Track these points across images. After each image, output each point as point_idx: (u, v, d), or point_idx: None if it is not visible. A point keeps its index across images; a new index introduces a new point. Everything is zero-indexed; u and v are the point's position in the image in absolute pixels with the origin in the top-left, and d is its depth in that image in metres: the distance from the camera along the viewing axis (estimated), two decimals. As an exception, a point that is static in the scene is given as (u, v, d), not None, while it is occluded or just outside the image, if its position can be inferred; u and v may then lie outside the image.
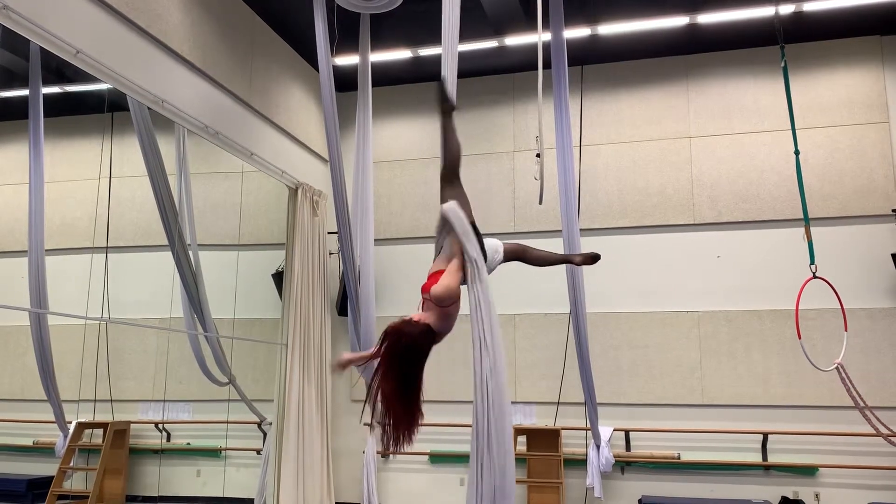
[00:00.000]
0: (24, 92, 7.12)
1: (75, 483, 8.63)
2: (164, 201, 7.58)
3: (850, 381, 6.31)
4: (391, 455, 9.11)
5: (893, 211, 8.02)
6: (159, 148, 7.57)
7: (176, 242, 7.64)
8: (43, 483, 8.36)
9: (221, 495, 8.65)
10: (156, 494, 8.58)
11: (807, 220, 6.39)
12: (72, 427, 8.33)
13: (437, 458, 8.85)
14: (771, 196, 8.49)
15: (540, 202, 6.93)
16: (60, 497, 8.37)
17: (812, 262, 6.38)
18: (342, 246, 7.94)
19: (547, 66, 6.10)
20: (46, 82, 7.17)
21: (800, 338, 6.37)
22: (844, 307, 6.54)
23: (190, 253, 8.07)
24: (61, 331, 7.47)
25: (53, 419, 7.79)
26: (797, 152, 6.59)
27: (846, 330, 6.53)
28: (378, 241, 8.11)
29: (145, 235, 8.59)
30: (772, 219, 8.43)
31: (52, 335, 7.06)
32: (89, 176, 8.59)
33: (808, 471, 7.90)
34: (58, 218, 8.60)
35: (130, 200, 8.80)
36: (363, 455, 9.08)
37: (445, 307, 3.45)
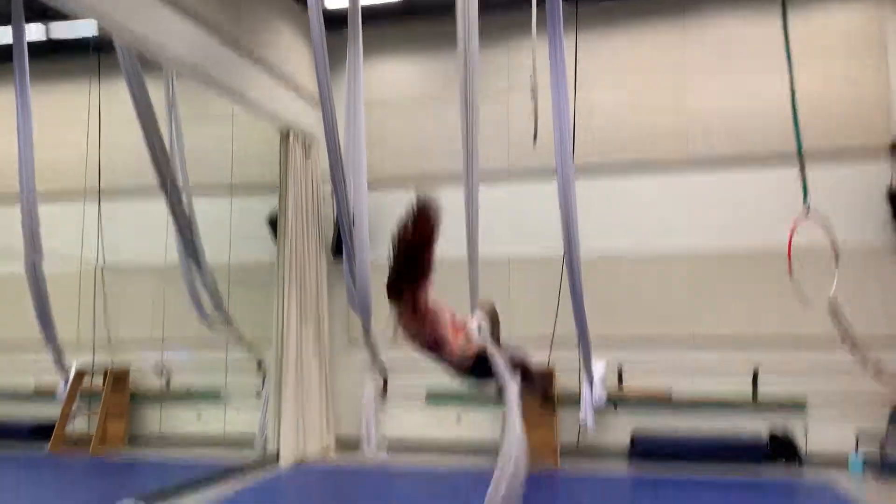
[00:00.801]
0: (7, 32, 6.95)
1: (78, 426, 8.78)
2: (156, 145, 7.51)
3: (841, 318, 6.38)
4: (385, 396, 9.27)
5: (891, 147, 7.99)
6: (148, 91, 7.46)
7: (169, 187, 7.59)
8: (46, 426, 8.51)
9: (223, 434, 8.80)
10: (157, 436, 8.73)
11: (801, 157, 6.36)
12: (72, 372, 8.43)
13: (435, 398, 9.01)
14: (766, 133, 8.44)
15: (534, 141, 6.90)
16: (64, 440, 8.53)
17: (805, 200, 6.39)
18: (335, 190, 7.89)
19: (541, 2, 5.98)
20: (30, 22, 7.00)
21: (791, 274, 6.42)
22: (837, 244, 6.57)
23: (183, 198, 8.03)
24: (58, 277, 7.47)
25: (53, 364, 7.87)
26: (793, 89, 6.52)
27: (837, 267, 6.57)
28: (371, 185, 8.07)
29: (138, 180, 8.52)
30: (766, 156, 8.40)
31: (48, 281, 7.07)
32: (78, 121, 8.47)
33: (798, 401, 8.07)
34: (48, 163, 8.51)
35: (121, 145, 8.70)
36: (362, 395, 9.22)
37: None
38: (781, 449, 7.84)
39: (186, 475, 6.98)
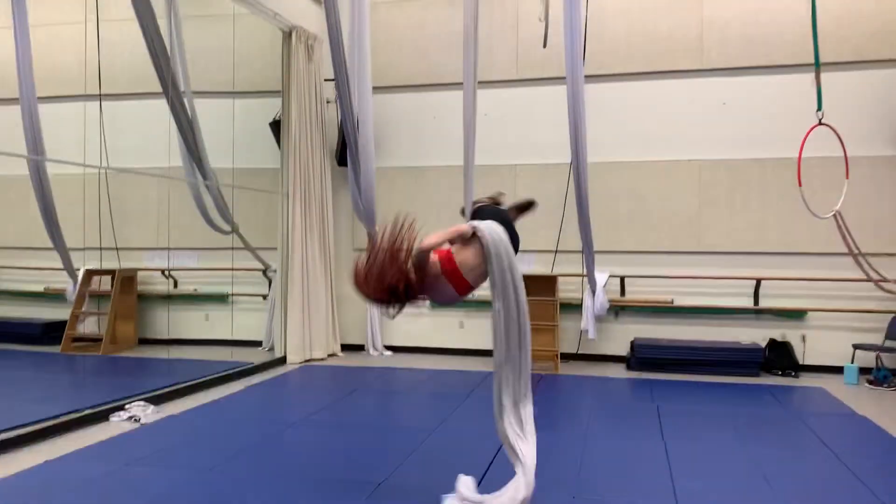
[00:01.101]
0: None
1: (88, 327, 8.96)
2: (155, 46, 7.31)
3: (847, 229, 6.37)
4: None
5: (908, 56, 7.77)
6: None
7: (170, 89, 7.45)
8: (57, 326, 8.68)
9: (230, 337, 8.99)
10: (166, 337, 8.91)
11: (817, 65, 6.19)
12: (80, 274, 8.53)
13: (439, 304, 9.13)
14: (783, 39, 8.20)
15: (544, 45, 6.72)
16: (75, 340, 8.72)
17: (819, 109, 6.26)
18: (339, 94, 7.76)
19: None
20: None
21: (800, 185, 6.37)
22: (848, 155, 6.48)
23: (185, 100, 7.90)
24: (61, 180, 7.44)
25: (62, 266, 7.95)
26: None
27: (847, 178, 6.50)
28: (376, 89, 7.92)
29: (138, 82, 8.35)
30: (782, 63, 8.18)
31: (52, 184, 7.05)
32: (75, 20, 8.23)
33: (797, 314, 8.18)
34: (47, 64, 8.32)
35: (120, 45, 8.49)
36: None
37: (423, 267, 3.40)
38: (779, 358, 7.99)
39: (196, 374, 7.17)
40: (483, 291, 3.77)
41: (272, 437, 5.26)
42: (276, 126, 9.02)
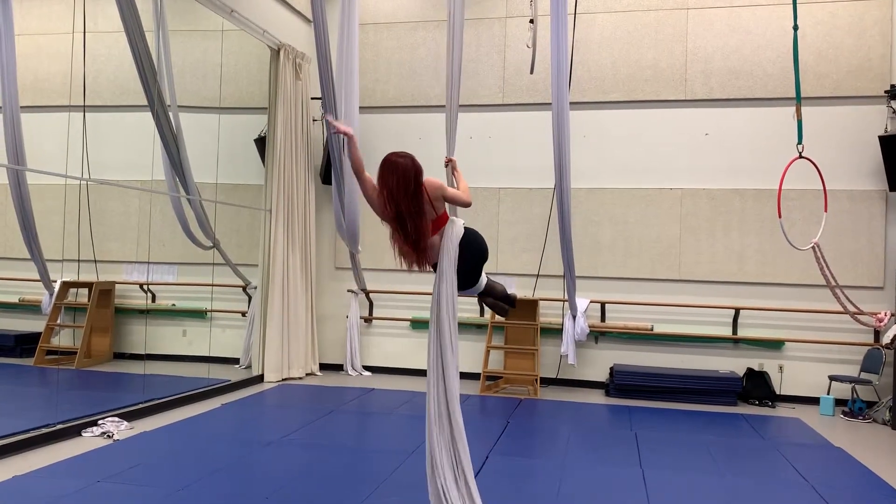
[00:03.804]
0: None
1: (63, 340, 8.81)
2: (142, 59, 7.28)
3: (825, 261, 6.44)
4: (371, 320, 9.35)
5: (886, 92, 7.92)
6: (135, 1, 7.19)
7: (155, 102, 7.42)
8: (31, 338, 8.53)
9: (208, 354, 8.89)
10: (143, 352, 8.79)
11: (798, 99, 6.28)
12: (57, 286, 8.40)
13: (418, 324, 9.10)
14: (765, 73, 8.34)
15: (531, 71, 6.78)
16: (49, 352, 8.57)
17: (799, 142, 6.35)
18: (326, 112, 7.76)
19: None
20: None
21: (780, 217, 6.44)
22: (827, 188, 6.57)
23: (170, 114, 7.86)
24: (41, 190, 7.37)
25: (38, 277, 7.84)
26: (796, 27, 6.38)
27: (826, 211, 6.59)
28: (363, 109, 7.94)
29: (124, 94, 8.33)
30: (764, 97, 8.33)
31: (32, 194, 6.98)
32: (62, 30, 8.19)
33: (775, 345, 8.24)
34: (31, 74, 8.27)
35: (106, 57, 8.46)
36: (347, 319, 9.31)
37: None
38: (756, 388, 8.03)
39: (172, 390, 7.07)
40: (462, 314, 3.79)
41: (247, 457, 5.19)
42: (261, 142, 9.00)
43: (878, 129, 7.92)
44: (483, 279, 4.05)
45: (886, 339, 7.20)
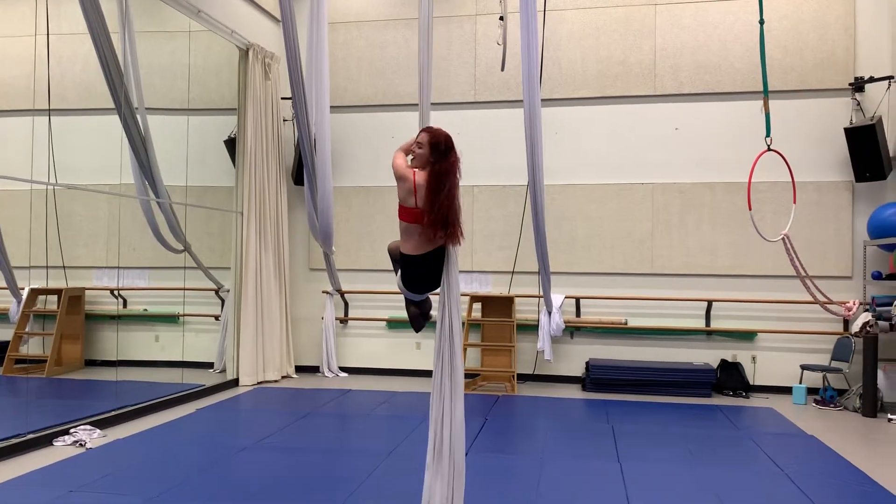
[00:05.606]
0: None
1: (32, 348, 8.65)
2: (108, 61, 7.17)
3: (795, 252, 6.53)
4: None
5: (850, 85, 8.06)
6: (99, 2, 7.07)
7: (122, 105, 7.30)
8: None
9: (181, 359, 8.78)
10: (115, 358, 8.66)
11: (766, 93, 6.36)
12: (25, 293, 8.25)
13: (395, 324, 9.07)
14: (732, 67, 8.44)
15: (502, 68, 6.79)
16: (18, 361, 8.41)
17: (768, 135, 6.42)
18: (296, 112, 7.68)
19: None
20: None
21: (750, 209, 6.51)
22: (795, 180, 6.66)
23: (138, 116, 7.75)
24: (6, 196, 7.24)
25: (5, 285, 7.69)
26: (762, 22, 6.47)
27: (795, 203, 6.68)
28: (334, 109, 7.89)
29: (90, 97, 8.18)
30: (732, 91, 8.42)
31: (-2, 200, 6.86)
32: (25, 33, 8.03)
33: (747, 336, 8.34)
34: (-6, 77, 8.12)
35: (71, 60, 8.31)
36: (322, 321, 9.26)
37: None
38: (730, 379, 8.13)
39: (145, 396, 6.98)
40: (435, 311, 3.78)
41: (222, 463, 5.13)
42: (231, 144, 8.91)
43: (843, 122, 8.06)
44: None
45: (855, 327, 7.33)
